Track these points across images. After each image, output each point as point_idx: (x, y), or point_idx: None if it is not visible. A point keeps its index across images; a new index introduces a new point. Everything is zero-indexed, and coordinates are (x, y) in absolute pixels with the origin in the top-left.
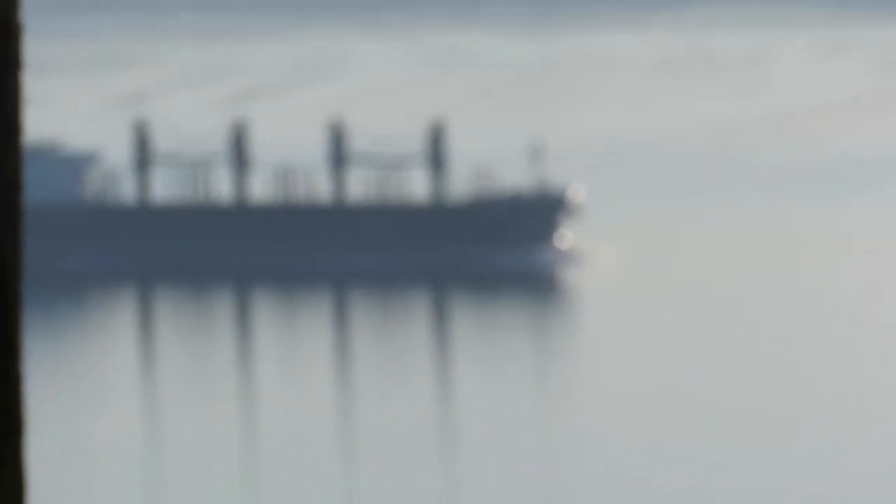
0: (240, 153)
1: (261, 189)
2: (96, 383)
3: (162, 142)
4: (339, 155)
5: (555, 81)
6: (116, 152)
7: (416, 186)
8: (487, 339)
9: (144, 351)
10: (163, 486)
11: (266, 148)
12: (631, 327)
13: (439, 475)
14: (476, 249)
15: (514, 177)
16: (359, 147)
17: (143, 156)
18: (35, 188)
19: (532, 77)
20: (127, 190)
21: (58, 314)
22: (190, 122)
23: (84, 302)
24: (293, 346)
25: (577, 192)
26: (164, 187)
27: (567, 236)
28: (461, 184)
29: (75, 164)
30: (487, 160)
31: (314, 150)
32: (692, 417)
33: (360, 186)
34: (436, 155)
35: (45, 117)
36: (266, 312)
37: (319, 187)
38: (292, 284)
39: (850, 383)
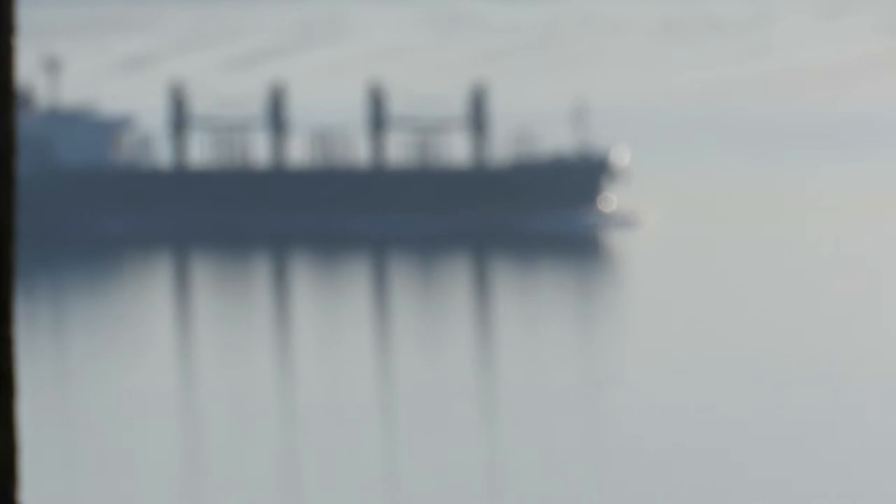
0: (277, 116)
1: (299, 153)
2: (134, 347)
3: (199, 105)
4: (378, 118)
5: (559, 46)
6: (132, 114)
7: (456, 150)
8: (529, 303)
9: (182, 314)
10: (199, 447)
11: (305, 111)
12: (675, 290)
13: (480, 437)
14: (518, 213)
15: (551, 139)
16: (398, 110)
17: (180, 119)
18: (69, 152)
19: (541, 40)
20: (162, 154)
21: (94, 278)
22: (204, 84)
23: (120, 266)
24: (332, 309)
25: (621, 155)
26: (200, 151)
27: (611, 199)
28: (502, 147)
29: (109, 128)
30: (523, 123)
31: (353, 113)
32: (735, 380)
33: (399, 150)
34: (477, 118)
35: (50, 81)
36: (304, 276)
37: (358, 150)
38: (331, 248)
39: (886, 339)
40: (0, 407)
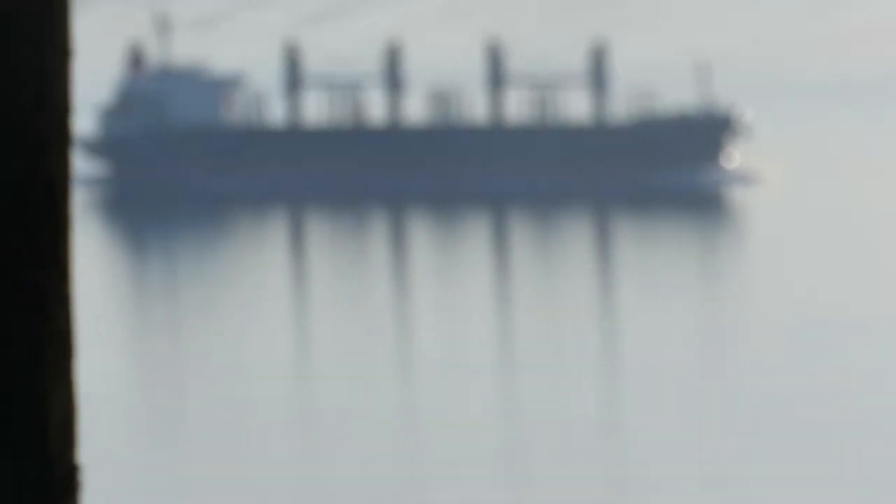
0: (393, 74)
1: (415, 110)
2: (248, 307)
3: (313, 62)
4: (496, 74)
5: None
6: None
7: (576, 106)
8: (652, 260)
9: (297, 274)
10: (315, 406)
11: (421, 69)
12: (799, 248)
13: (602, 396)
14: (640, 170)
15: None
16: (517, 67)
17: (293, 77)
18: (180, 110)
19: None
20: (275, 112)
21: (207, 237)
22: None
23: (233, 225)
24: (450, 268)
25: (744, 112)
26: (317, 109)
27: (734, 156)
28: (622, 104)
29: (221, 86)
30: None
31: (471, 70)
32: (859, 337)
33: (518, 107)
34: (597, 74)
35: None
36: (422, 234)
37: (476, 108)
38: (449, 206)
39: None
40: (58, 367)
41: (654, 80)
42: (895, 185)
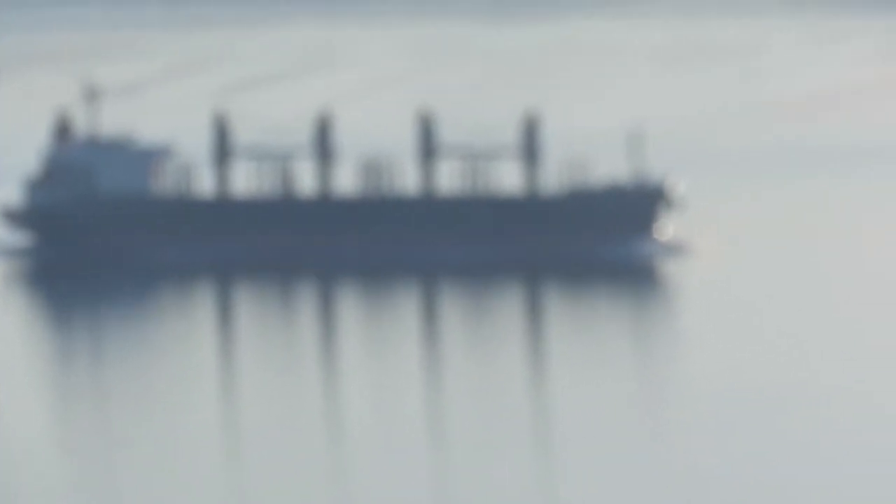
0: (324, 144)
1: (346, 181)
2: (175, 378)
3: (243, 133)
4: (428, 146)
5: (552, 69)
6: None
7: (508, 177)
8: (583, 332)
9: (224, 345)
10: (244, 479)
11: (351, 139)
12: (729, 320)
13: (533, 466)
14: (572, 241)
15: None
16: (449, 137)
17: (223, 147)
18: (109, 180)
19: (530, 64)
20: (204, 182)
21: (134, 308)
22: (177, 116)
23: (161, 296)
24: (380, 339)
25: (677, 183)
26: (246, 180)
27: (666, 228)
28: (554, 174)
29: (149, 157)
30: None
31: (402, 141)
32: (789, 407)
33: (450, 177)
34: (529, 145)
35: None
36: (351, 306)
37: (407, 178)
38: (379, 278)
39: None
40: None
41: (586, 151)
42: (827, 256)
